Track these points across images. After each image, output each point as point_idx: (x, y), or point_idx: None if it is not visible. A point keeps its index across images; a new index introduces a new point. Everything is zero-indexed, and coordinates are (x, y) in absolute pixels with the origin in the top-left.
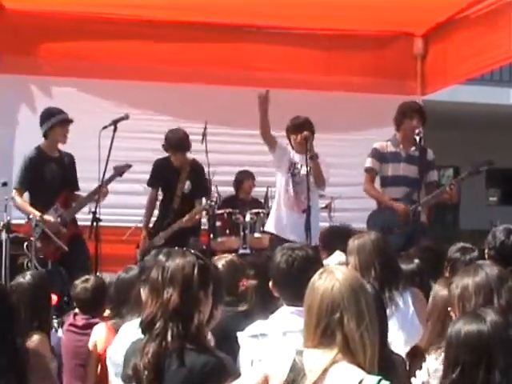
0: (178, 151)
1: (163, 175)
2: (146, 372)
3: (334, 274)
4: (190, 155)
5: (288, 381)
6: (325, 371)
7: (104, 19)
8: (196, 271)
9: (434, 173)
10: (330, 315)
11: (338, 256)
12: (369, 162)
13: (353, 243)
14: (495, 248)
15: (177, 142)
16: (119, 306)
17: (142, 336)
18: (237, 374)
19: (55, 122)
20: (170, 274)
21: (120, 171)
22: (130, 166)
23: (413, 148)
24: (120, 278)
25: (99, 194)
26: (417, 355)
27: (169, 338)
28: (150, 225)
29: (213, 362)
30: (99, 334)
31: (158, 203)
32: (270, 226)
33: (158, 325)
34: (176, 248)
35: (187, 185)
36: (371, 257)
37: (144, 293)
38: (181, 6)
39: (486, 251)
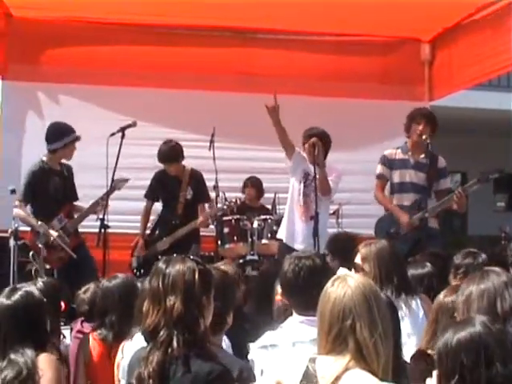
0: (171, 162)
1: (163, 186)
2: (150, 381)
3: (347, 281)
4: (191, 162)
5: None
6: (337, 378)
7: (111, 26)
8: (197, 277)
9: (447, 180)
10: (342, 322)
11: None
12: (379, 169)
13: (369, 250)
14: None
15: (167, 153)
16: (103, 316)
17: (145, 345)
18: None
19: (68, 142)
20: (172, 282)
21: (119, 186)
22: (127, 180)
23: (422, 155)
24: (104, 287)
25: (99, 207)
26: (420, 358)
27: (175, 345)
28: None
29: (218, 370)
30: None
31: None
32: (282, 233)
33: (162, 333)
34: (174, 255)
35: (189, 191)
36: (392, 264)
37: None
38: (186, 12)
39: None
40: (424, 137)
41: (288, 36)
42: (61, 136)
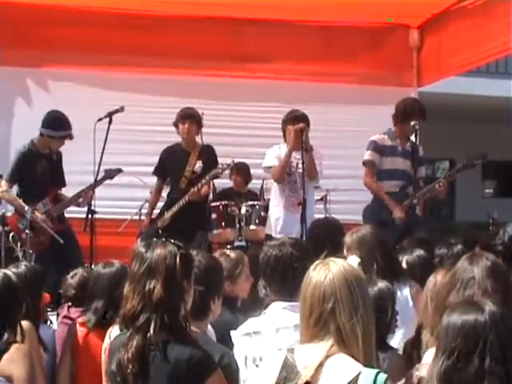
0: (191, 120)
1: (169, 160)
2: (130, 366)
3: (329, 265)
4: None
5: (280, 379)
6: (321, 364)
7: (102, 12)
8: (178, 261)
9: (423, 169)
10: (322, 304)
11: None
12: (368, 155)
13: (351, 238)
14: (504, 243)
15: (190, 111)
16: (91, 301)
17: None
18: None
19: (58, 136)
20: (152, 265)
21: (111, 175)
22: (120, 171)
23: (408, 144)
24: (98, 272)
25: (84, 196)
26: (414, 344)
27: (151, 330)
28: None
29: (199, 355)
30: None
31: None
32: (273, 230)
33: (141, 317)
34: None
35: (198, 165)
36: (373, 250)
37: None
38: (179, 3)
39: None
40: (413, 123)
41: (279, 23)
42: (57, 127)
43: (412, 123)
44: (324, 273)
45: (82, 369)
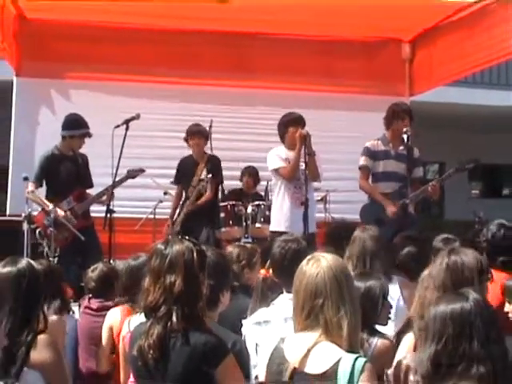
0: (200, 136)
1: (182, 170)
2: (151, 351)
3: (321, 261)
4: (190, 152)
5: (270, 364)
6: (308, 351)
7: (118, 27)
8: (195, 256)
9: (420, 169)
10: (314, 300)
11: None
12: (362, 160)
13: (350, 247)
14: (487, 240)
15: (199, 128)
16: (130, 292)
17: (145, 320)
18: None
19: (77, 134)
20: (172, 261)
21: (133, 174)
22: (143, 171)
23: (401, 147)
24: (130, 265)
25: (108, 194)
26: (404, 333)
27: (174, 319)
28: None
29: (214, 341)
30: (114, 317)
31: None
32: (279, 225)
33: (162, 308)
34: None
35: (204, 174)
36: (363, 248)
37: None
38: (191, 16)
39: (481, 243)
40: (405, 129)
41: (279, 37)
42: (74, 127)
43: (404, 129)
44: (316, 270)
45: None
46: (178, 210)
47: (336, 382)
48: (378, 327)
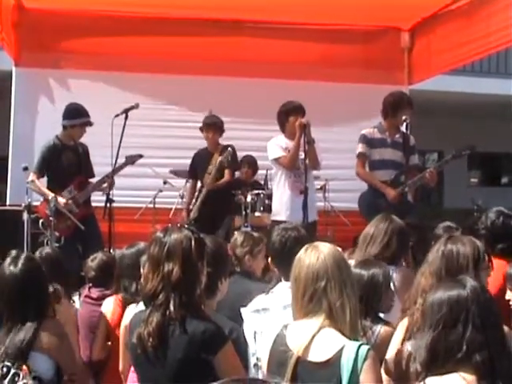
0: (215, 129)
1: (197, 163)
2: (150, 339)
3: (319, 248)
4: (189, 142)
5: (272, 352)
6: (312, 338)
7: (116, 17)
8: (193, 244)
9: (415, 157)
10: (316, 283)
11: None
12: (360, 148)
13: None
14: (486, 227)
15: (215, 119)
16: (121, 280)
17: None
18: (243, 342)
19: (78, 123)
20: (170, 249)
21: (131, 160)
22: (141, 156)
23: (397, 135)
24: (122, 255)
25: (108, 181)
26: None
27: (171, 307)
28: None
29: (212, 329)
30: (107, 307)
31: None
32: (280, 214)
33: (160, 296)
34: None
35: (219, 160)
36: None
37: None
38: (189, 4)
39: (480, 230)
40: (404, 117)
41: (277, 26)
42: (75, 116)
43: (403, 117)
44: (315, 255)
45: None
46: (193, 201)
47: (339, 369)
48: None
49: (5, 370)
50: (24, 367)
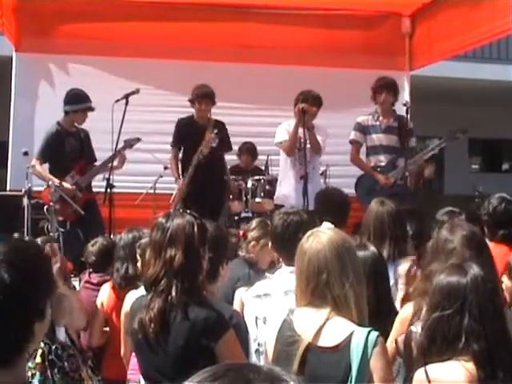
0: (208, 100)
1: (186, 133)
2: (152, 325)
3: (320, 237)
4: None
5: (279, 337)
6: (321, 328)
7: (117, 1)
8: (196, 230)
9: (413, 139)
10: (318, 276)
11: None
12: (353, 135)
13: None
14: (488, 213)
15: (207, 90)
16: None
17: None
18: (243, 328)
19: (80, 108)
20: (173, 234)
21: (130, 143)
22: (139, 140)
23: (392, 119)
24: (119, 238)
25: (112, 162)
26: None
27: (173, 293)
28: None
29: (214, 316)
30: (104, 292)
31: None
32: (283, 199)
33: (162, 282)
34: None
35: (213, 138)
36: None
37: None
38: None
39: (482, 216)
40: (404, 102)
41: (279, 11)
42: (77, 101)
43: (403, 102)
44: (316, 246)
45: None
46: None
47: (349, 354)
48: None
49: (47, 347)
50: (58, 341)
